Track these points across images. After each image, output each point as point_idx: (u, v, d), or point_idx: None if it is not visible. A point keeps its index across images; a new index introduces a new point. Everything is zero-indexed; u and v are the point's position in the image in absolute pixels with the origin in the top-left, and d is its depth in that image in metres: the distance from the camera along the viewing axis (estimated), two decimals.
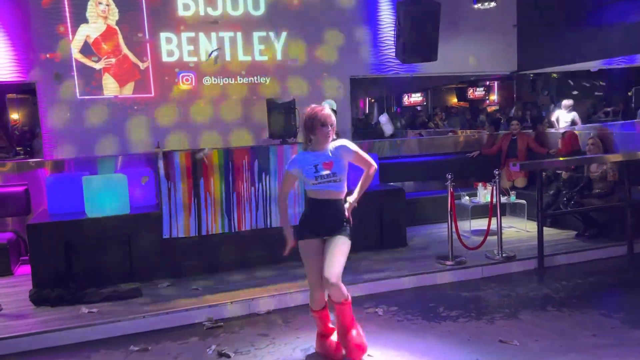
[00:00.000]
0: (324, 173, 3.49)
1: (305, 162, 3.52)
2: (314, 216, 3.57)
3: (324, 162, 3.51)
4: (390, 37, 7.64)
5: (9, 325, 4.31)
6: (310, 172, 3.49)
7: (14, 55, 6.21)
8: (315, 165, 3.50)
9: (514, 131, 7.88)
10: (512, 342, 3.81)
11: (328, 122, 3.48)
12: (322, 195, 3.53)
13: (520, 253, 5.74)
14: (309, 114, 3.51)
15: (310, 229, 3.57)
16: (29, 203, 6.22)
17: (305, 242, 3.58)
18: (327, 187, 3.50)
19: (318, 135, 3.49)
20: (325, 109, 3.53)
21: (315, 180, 3.48)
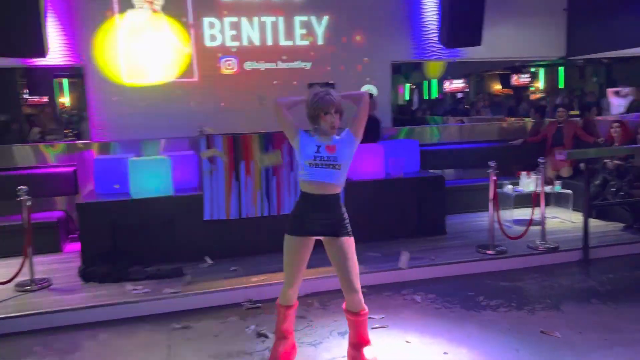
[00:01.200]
0: (325, 155, 3.13)
1: (308, 138, 3.20)
2: (305, 212, 3.20)
3: (327, 144, 3.16)
4: (434, 21, 7.51)
5: (59, 299, 4.50)
6: (310, 148, 3.14)
7: (65, 40, 6.42)
8: (318, 145, 3.16)
9: (560, 119, 7.63)
10: (553, 334, 3.74)
11: (331, 109, 3.13)
12: (313, 187, 3.16)
13: (564, 244, 5.59)
14: (311, 101, 3.14)
15: (303, 226, 3.20)
16: (77, 183, 6.46)
17: (292, 238, 3.22)
18: (324, 173, 3.13)
19: (322, 125, 3.16)
20: (329, 93, 3.14)
21: (313, 160, 3.12)
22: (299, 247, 3.23)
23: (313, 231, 3.21)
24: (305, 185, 3.20)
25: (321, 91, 3.17)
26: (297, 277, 3.31)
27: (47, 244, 5.77)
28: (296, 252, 3.24)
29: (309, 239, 3.24)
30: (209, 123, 6.55)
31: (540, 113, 8.59)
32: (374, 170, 5.98)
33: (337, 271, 3.25)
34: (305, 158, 3.16)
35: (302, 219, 3.21)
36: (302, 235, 3.22)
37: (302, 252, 3.25)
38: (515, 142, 7.77)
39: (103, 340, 3.92)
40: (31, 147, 6.66)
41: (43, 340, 3.95)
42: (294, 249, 3.24)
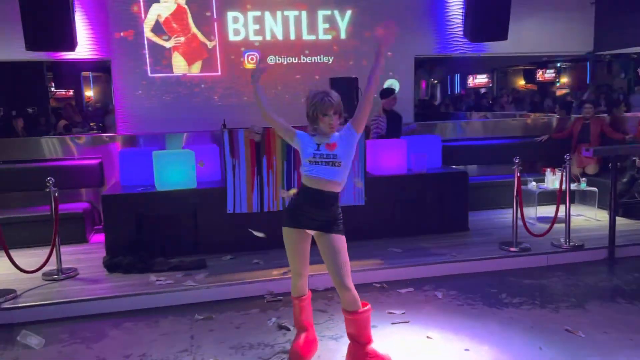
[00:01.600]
0: (325, 152, 3.13)
1: (308, 137, 3.21)
2: (303, 205, 3.20)
3: (327, 143, 3.15)
4: (459, 15, 7.42)
5: (85, 289, 4.60)
6: (310, 147, 3.15)
7: (92, 34, 6.52)
8: (318, 143, 3.17)
9: (587, 115, 7.49)
10: (577, 333, 3.69)
11: (329, 111, 3.10)
12: (316, 183, 3.15)
13: (589, 242, 5.50)
14: (310, 102, 3.14)
15: (296, 218, 3.22)
16: (102, 175, 6.58)
17: (288, 229, 3.25)
18: (323, 170, 3.12)
19: (321, 126, 3.15)
20: (328, 93, 3.14)
21: (313, 157, 3.12)
22: (295, 238, 3.26)
23: (306, 224, 3.21)
24: (306, 179, 3.21)
25: (320, 92, 3.15)
26: (300, 267, 3.34)
27: (73, 235, 5.89)
28: (294, 243, 3.27)
29: (303, 231, 3.25)
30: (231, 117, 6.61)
31: (566, 109, 8.46)
32: (396, 165, 5.95)
33: (328, 268, 3.21)
34: (305, 156, 3.18)
35: (297, 212, 3.23)
36: (296, 227, 3.23)
37: (299, 243, 3.26)
38: (540, 138, 7.65)
39: (127, 329, 3.99)
40: (58, 140, 6.79)
41: (69, 328, 4.04)
42: (291, 240, 3.27)
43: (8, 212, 5.85)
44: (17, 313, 4.19)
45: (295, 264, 3.32)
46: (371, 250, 5.39)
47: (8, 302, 4.26)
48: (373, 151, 5.93)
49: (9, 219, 5.66)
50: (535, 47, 7.92)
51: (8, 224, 5.35)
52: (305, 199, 3.22)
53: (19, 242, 5.63)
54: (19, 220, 5.85)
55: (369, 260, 5.08)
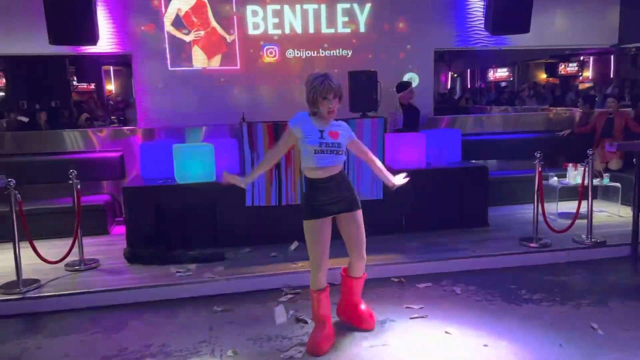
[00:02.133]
0: (330, 141, 3.19)
1: (310, 125, 3.22)
2: (321, 197, 3.27)
3: (330, 130, 3.23)
4: (480, 7, 7.33)
5: (106, 279, 4.68)
6: (313, 136, 3.18)
7: (113, 28, 6.58)
8: (321, 131, 3.20)
9: (610, 109, 7.35)
10: (596, 330, 3.64)
11: (329, 95, 3.13)
12: (322, 173, 3.22)
13: (612, 239, 5.41)
14: (310, 85, 3.16)
15: (321, 208, 3.28)
16: (123, 168, 6.66)
17: (313, 221, 3.28)
18: (330, 158, 3.20)
19: (321, 110, 3.19)
20: (329, 76, 3.15)
21: (319, 146, 3.15)
22: (321, 228, 3.31)
23: (331, 211, 3.32)
24: (313, 172, 3.25)
25: (320, 76, 3.17)
26: (324, 259, 3.39)
27: (94, 226, 5.99)
28: (320, 234, 3.30)
29: (329, 219, 3.34)
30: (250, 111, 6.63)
31: (589, 103, 8.29)
32: (415, 159, 5.92)
33: (351, 242, 3.45)
34: (310, 144, 3.18)
35: (316, 203, 3.30)
36: (322, 217, 3.30)
37: (324, 232, 3.32)
38: (562, 133, 7.54)
39: (147, 320, 4.05)
40: (80, 133, 6.89)
41: (91, 318, 4.12)
42: (317, 231, 3.30)
43: (32, 203, 5.95)
44: (40, 302, 4.28)
45: (318, 256, 3.35)
46: (389, 244, 5.38)
47: (32, 292, 4.36)
48: (392, 145, 5.90)
49: (33, 210, 5.77)
50: (558, 39, 7.78)
51: (32, 215, 5.45)
52: (319, 191, 3.28)
53: (42, 233, 5.74)
54: (42, 211, 5.96)
55: (387, 254, 5.07)
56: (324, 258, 3.38)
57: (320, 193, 3.28)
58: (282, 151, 3.45)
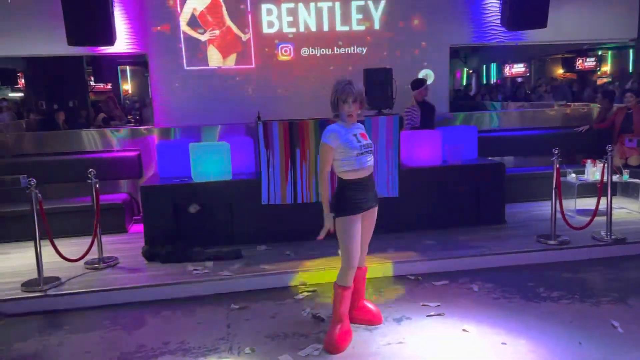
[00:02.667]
0: (365, 142, 3.43)
1: (344, 133, 3.40)
2: (360, 195, 3.45)
3: (360, 132, 3.48)
4: (496, 2, 7.26)
5: (125, 277, 4.74)
6: (352, 141, 3.38)
7: (130, 28, 6.65)
8: (354, 134, 3.42)
9: (630, 104, 7.23)
10: (617, 328, 3.60)
11: (349, 98, 3.35)
12: (363, 172, 3.42)
13: (632, 236, 5.34)
14: (334, 89, 3.41)
15: (362, 205, 3.46)
16: (141, 167, 6.73)
17: (355, 217, 3.43)
18: (367, 158, 3.42)
19: (341, 113, 3.41)
20: (352, 82, 3.38)
21: (360, 149, 3.37)
22: (359, 223, 3.47)
23: (366, 207, 3.51)
24: (356, 173, 3.42)
25: (343, 81, 3.40)
26: (359, 254, 3.52)
27: (113, 225, 6.06)
28: (358, 229, 3.46)
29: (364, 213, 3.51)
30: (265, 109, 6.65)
31: (608, 98, 8.17)
32: (431, 156, 5.89)
33: (365, 236, 3.61)
34: (352, 148, 3.37)
35: (355, 201, 3.45)
36: (360, 212, 3.47)
37: (360, 227, 3.48)
38: (580, 128, 7.44)
39: (166, 317, 4.09)
40: (98, 132, 6.98)
41: (110, 315, 4.18)
42: (355, 226, 3.44)
43: (52, 202, 6.04)
44: (61, 300, 4.35)
45: (355, 250, 3.46)
46: (405, 242, 5.37)
47: (53, 289, 4.43)
48: (408, 142, 5.88)
49: (53, 209, 5.85)
50: (575, 34, 7.67)
51: (52, 214, 5.52)
52: (360, 189, 3.45)
53: (62, 231, 5.84)
54: (62, 210, 6.05)
55: (403, 252, 5.06)
56: (359, 253, 3.52)
57: (360, 192, 3.46)
58: (329, 169, 3.50)
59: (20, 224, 5.73)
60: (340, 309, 3.52)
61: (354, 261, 3.47)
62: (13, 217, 5.94)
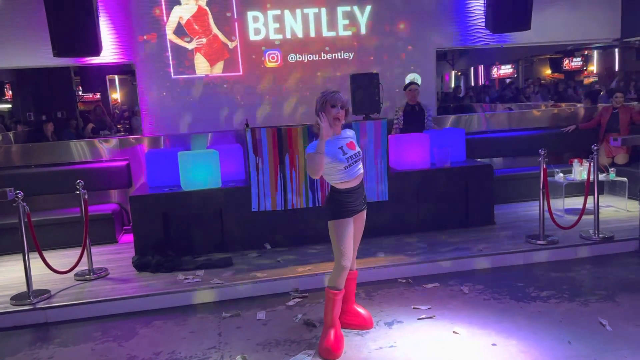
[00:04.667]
0: (352, 153, 3.45)
1: (329, 146, 3.39)
2: (352, 200, 3.50)
3: (347, 143, 3.49)
4: (480, 5, 7.33)
5: (115, 288, 4.71)
6: (338, 154, 3.40)
7: (116, 38, 6.64)
8: (340, 147, 3.44)
9: (617, 104, 7.30)
10: (605, 326, 3.63)
11: (337, 103, 3.40)
12: (354, 182, 3.48)
13: (619, 234, 5.39)
14: (320, 97, 3.45)
15: (353, 208, 3.51)
16: (130, 176, 6.71)
17: (347, 220, 3.48)
18: (356, 168, 3.46)
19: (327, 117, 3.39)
20: (338, 92, 3.43)
21: (347, 162, 3.41)
22: (351, 225, 3.52)
23: (357, 210, 3.58)
24: (345, 184, 3.47)
25: (331, 90, 3.48)
26: (351, 256, 3.58)
27: (103, 235, 6.05)
28: (350, 231, 3.51)
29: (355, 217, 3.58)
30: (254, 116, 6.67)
31: (591, 98, 8.27)
32: (419, 160, 5.92)
33: (355, 239, 3.65)
34: (340, 163, 3.41)
35: (348, 205, 3.50)
36: (353, 215, 3.53)
37: (352, 229, 3.54)
38: (567, 129, 7.51)
39: (157, 328, 4.08)
40: (86, 143, 6.95)
41: (101, 327, 4.16)
42: (348, 228, 3.50)
43: (40, 214, 6.02)
44: (51, 312, 4.33)
45: (348, 251, 3.50)
46: (396, 245, 5.39)
47: (43, 302, 4.40)
48: (396, 146, 5.91)
49: (42, 221, 5.82)
50: (560, 35, 7.76)
51: (40, 225, 5.50)
52: (352, 196, 3.51)
53: (51, 243, 5.81)
54: (51, 222, 6.02)
55: (394, 255, 5.08)
56: (352, 255, 3.56)
57: (352, 198, 3.52)
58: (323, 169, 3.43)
59: (9, 237, 5.70)
60: (333, 314, 3.53)
61: (347, 261, 3.50)
62: (1, 230, 5.90)
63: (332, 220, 3.50)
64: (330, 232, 3.52)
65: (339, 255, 3.49)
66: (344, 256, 3.49)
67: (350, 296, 3.82)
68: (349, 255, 3.52)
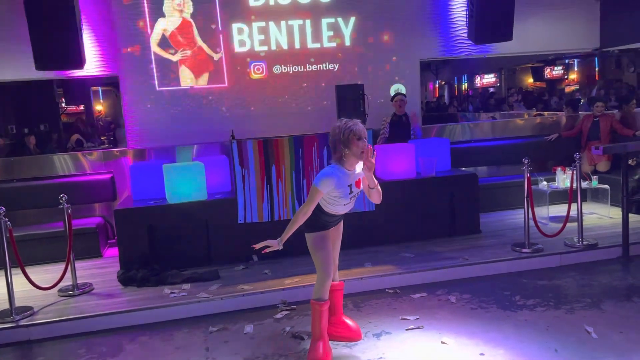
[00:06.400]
0: (356, 191, 3.45)
1: (341, 182, 3.32)
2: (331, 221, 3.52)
3: (355, 180, 3.43)
4: (462, 17, 7.42)
5: (100, 303, 4.64)
6: (345, 192, 3.37)
7: (99, 51, 6.61)
8: (349, 185, 3.38)
9: (598, 113, 7.40)
10: (590, 334, 3.66)
11: (364, 135, 3.28)
12: (342, 212, 3.52)
13: (603, 241, 5.46)
14: (345, 126, 3.27)
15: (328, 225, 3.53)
16: (114, 190, 6.65)
17: (326, 232, 3.50)
18: (353, 202, 3.50)
19: (353, 150, 3.26)
20: (356, 121, 3.32)
21: (349, 200, 3.43)
22: (329, 236, 3.54)
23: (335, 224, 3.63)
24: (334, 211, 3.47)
25: (350, 120, 3.32)
26: (332, 266, 3.57)
27: (87, 250, 5.97)
28: (329, 242, 3.53)
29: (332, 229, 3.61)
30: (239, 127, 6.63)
31: (571, 107, 8.39)
32: (405, 169, 5.95)
33: (335, 248, 3.68)
34: (343, 198, 3.40)
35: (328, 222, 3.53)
36: (330, 227, 3.56)
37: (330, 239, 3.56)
38: (550, 137, 7.61)
39: (143, 343, 4.02)
40: (70, 156, 6.88)
41: (86, 343, 4.09)
42: (327, 239, 3.51)
43: (23, 229, 5.93)
44: (34, 330, 4.25)
45: (329, 261, 3.48)
46: (383, 255, 5.40)
47: (25, 319, 4.32)
48: (382, 156, 5.94)
49: (24, 236, 5.74)
50: (541, 45, 7.89)
51: (23, 241, 5.43)
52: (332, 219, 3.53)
53: (34, 258, 5.73)
54: (34, 237, 5.93)
55: (381, 266, 5.08)
56: (332, 265, 3.55)
57: (334, 218, 3.56)
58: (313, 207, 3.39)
59: None
60: (320, 326, 3.51)
61: (329, 270, 3.48)
62: None
63: (309, 233, 3.51)
64: (308, 244, 3.52)
65: (320, 266, 3.49)
66: (325, 266, 3.48)
67: (338, 308, 3.81)
68: (330, 265, 3.50)
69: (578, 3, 7.80)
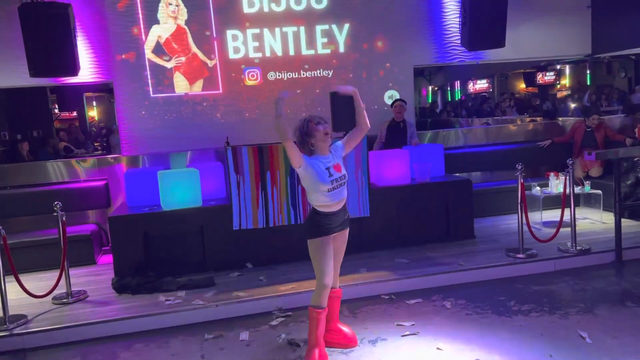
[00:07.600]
0: (337, 175, 3.47)
1: (317, 165, 3.41)
2: (331, 222, 3.52)
3: (333, 165, 3.48)
4: (455, 23, 7.48)
5: (94, 311, 4.62)
6: (324, 176, 3.40)
7: (94, 57, 6.61)
8: (327, 168, 3.44)
9: (593, 125, 7.39)
10: (585, 339, 3.68)
11: (321, 120, 3.45)
12: (336, 207, 3.50)
13: (596, 246, 5.50)
14: (302, 120, 3.47)
15: (331, 228, 3.53)
16: (109, 196, 6.63)
17: (326, 238, 3.50)
18: (341, 191, 3.48)
19: (317, 136, 3.42)
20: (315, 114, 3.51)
21: (331, 184, 3.42)
22: (330, 243, 3.53)
23: (336, 231, 3.59)
24: (327, 207, 3.49)
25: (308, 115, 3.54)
26: (332, 273, 3.56)
27: (81, 257, 5.94)
28: (329, 249, 3.52)
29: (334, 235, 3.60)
30: (234, 134, 6.64)
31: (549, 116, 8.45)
32: (399, 175, 5.97)
33: (337, 257, 3.69)
34: (323, 183, 3.41)
35: (327, 224, 3.53)
36: (331, 234, 3.55)
37: (331, 247, 3.55)
38: (542, 143, 7.66)
39: (138, 351, 4.01)
40: (63, 163, 6.85)
41: (81, 352, 4.07)
42: (327, 246, 3.51)
43: (16, 236, 5.89)
44: (28, 338, 4.22)
45: (328, 269, 3.49)
46: (378, 261, 5.41)
47: (19, 328, 4.29)
48: (376, 162, 5.96)
49: (18, 243, 5.71)
50: (533, 52, 7.96)
51: (17, 248, 5.39)
52: (332, 218, 3.52)
53: (28, 266, 5.69)
54: (28, 244, 5.90)
55: (376, 272, 5.09)
56: (332, 273, 3.56)
57: (332, 221, 3.54)
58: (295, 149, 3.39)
59: None
60: (317, 333, 3.53)
61: (328, 279, 3.50)
62: None
63: (310, 239, 3.52)
64: (309, 250, 3.54)
65: (319, 274, 3.50)
66: (324, 274, 3.49)
67: (334, 315, 3.81)
68: (329, 273, 3.51)
69: (570, 10, 7.88)
